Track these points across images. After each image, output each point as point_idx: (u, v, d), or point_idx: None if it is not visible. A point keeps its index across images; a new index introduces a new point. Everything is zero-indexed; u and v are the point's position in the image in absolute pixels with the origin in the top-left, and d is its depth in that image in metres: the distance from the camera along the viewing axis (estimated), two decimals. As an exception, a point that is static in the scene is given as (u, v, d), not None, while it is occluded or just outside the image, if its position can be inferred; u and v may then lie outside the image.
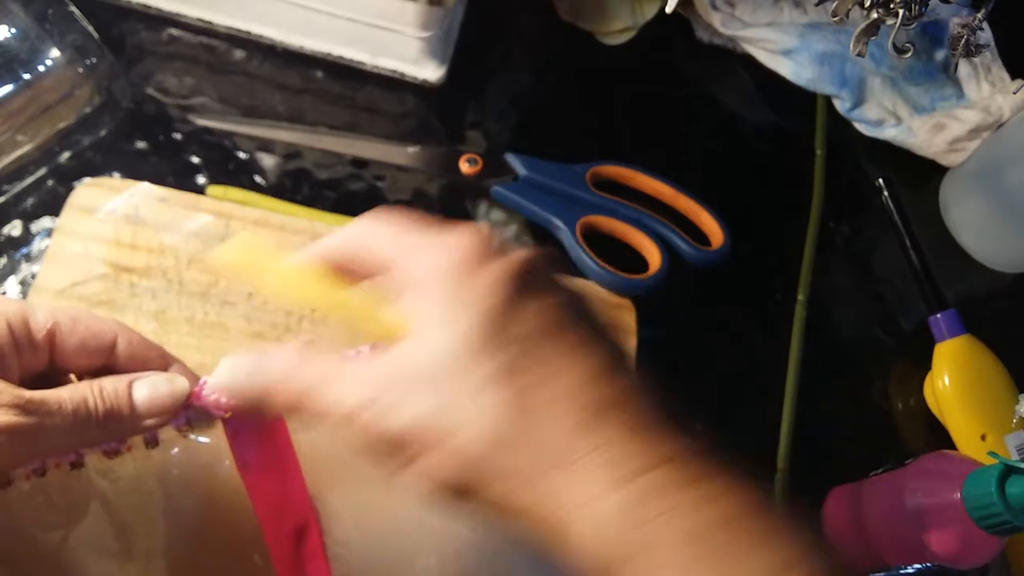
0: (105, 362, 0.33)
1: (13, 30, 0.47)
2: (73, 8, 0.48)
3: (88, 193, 0.48)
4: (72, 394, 0.30)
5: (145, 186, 0.49)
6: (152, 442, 0.34)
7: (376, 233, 0.30)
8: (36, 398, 0.29)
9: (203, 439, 0.35)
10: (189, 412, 0.33)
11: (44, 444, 0.30)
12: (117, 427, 0.31)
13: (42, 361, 0.32)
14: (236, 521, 0.36)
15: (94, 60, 0.49)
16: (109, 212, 0.47)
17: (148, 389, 0.32)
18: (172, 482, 0.36)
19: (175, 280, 0.47)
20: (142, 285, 0.46)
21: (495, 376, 0.26)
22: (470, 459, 0.26)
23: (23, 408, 0.29)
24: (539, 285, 0.28)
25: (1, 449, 0.28)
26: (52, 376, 0.33)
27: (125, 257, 0.46)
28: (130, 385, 0.32)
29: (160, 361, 0.34)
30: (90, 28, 0.49)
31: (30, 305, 0.32)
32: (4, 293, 0.47)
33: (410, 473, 0.27)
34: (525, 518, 0.26)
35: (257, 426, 0.35)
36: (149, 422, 0.32)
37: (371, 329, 0.30)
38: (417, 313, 0.28)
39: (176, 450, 0.36)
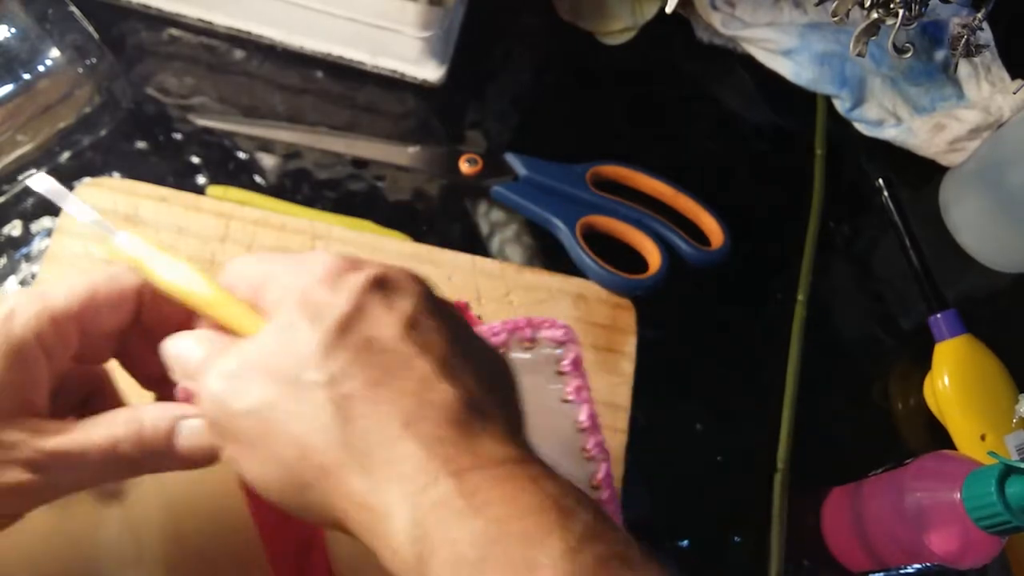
0: (131, 319, 0.32)
1: (13, 30, 0.47)
2: (73, 8, 0.48)
3: (88, 193, 0.48)
4: (104, 436, 0.29)
5: (145, 186, 0.49)
6: None
7: (243, 265, 0.31)
8: (59, 450, 0.28)
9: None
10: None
11: (63, 491, 0.30)
12: (150, 467, 0.31)
13: (72, 347, 0.31)
14: (237, 536, 0.36)
15: (94, 60, 0.49)
16: (110, 211, 0.47)
17: (194, 438, 0.30)
18: (173, 496, 0.36)
19: None
20: None
21: (326, 380, 0.27)
22: (289, 457, 0.27)
23: (39, 465, 0.28)
24: (391, 297, 0.29)
25: (12, 501, 0.28)
26: (86, 350, 0.32)
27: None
28: (174, 425, 0.30)
29: (183, 314, 0.32)
30: (90, 28, 0.49)
31: (47, 294, 0.30)
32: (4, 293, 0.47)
33: (235, 462, 0.29)
34: (344, 517, 0.27)
35: None
36: (186, 464, 0.31)
37: (244, 332, 0.31)
38: (272, 319, 0.29)
39: None
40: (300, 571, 0.36)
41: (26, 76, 0.47)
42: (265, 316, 0.30)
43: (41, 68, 0.47)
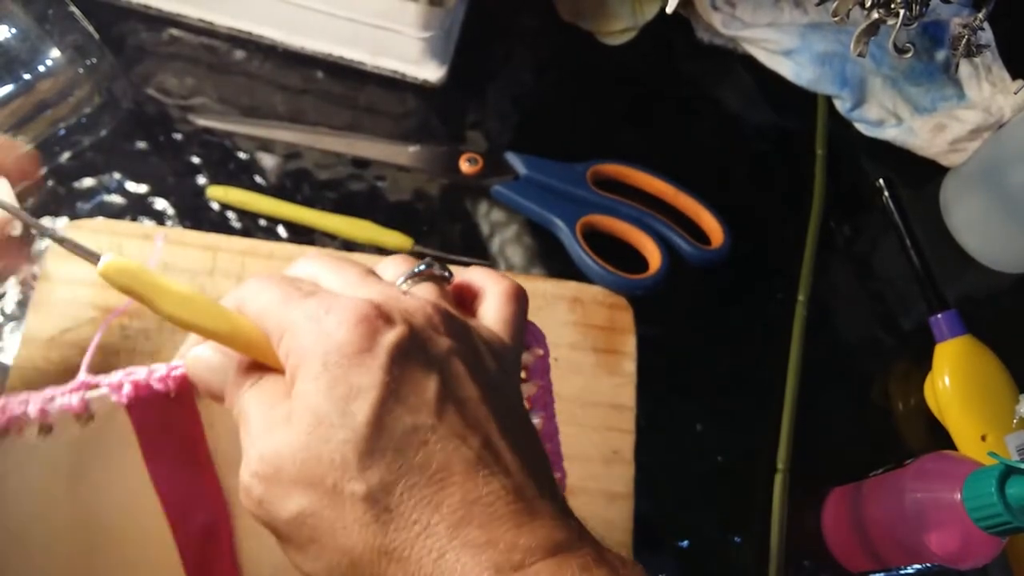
0: None
1: (13, 30, 0.47)
2: (73, 8, 0.48)
3: (69, 236, 0.46)
4: None
5: (126, 224, 0.48)
6: (45, 429, 0.32)
7: (262, 300, 0.29)
8: None
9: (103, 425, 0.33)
10: (88, 396, 0.32)
11: None
12: None
13: None
14: (143, 516, 0.34)
15: (94, 60, 0.49)
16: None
17: None
18: (70, 472, 0.34)
19: None
20: (133, 326, 0.45)
21: (364, 494, 0.26)
22: (339, 563, 0.27)
23: None
24: (424, 358, 0.27)
25: None
26: None
27: (113, 298, 0.41)
28: None
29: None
30: (90, 28, 0.49)
31: None
32: (4, 293, 0.47)
33: (293, 559, 0.28)
34: None
35: (166, 416, 0.33)
36: None
37: (263, 360, 0.30)
38: (301, 400, 0.27)
39: (74, 435, 0.33)
40: (205, 552, 0.34)
41: (26, 76, 0.47)
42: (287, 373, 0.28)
43: (41, 68, 0.47)
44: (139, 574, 0.34)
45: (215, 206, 0.51)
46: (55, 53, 0.47)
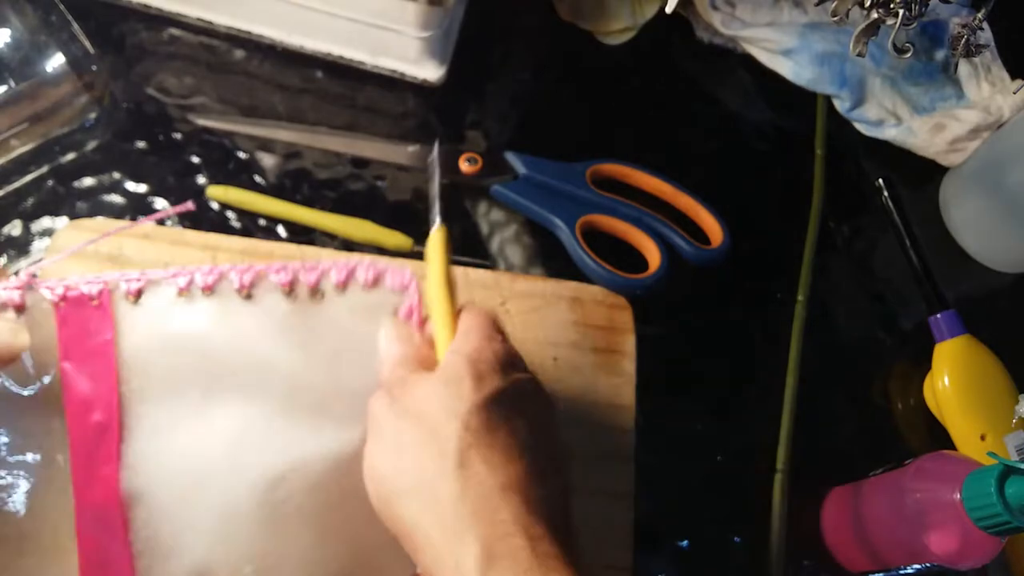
0: None
1: (14, 36, 0.47)
2: (69, 17, 0.48)
3: (69, 236, 0.47)
4: None
5: (126, 224, 0.48)
6: None
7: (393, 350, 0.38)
8: None
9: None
10: (25, 294, 0.37)
11: None
12: None
13: None
14: (45, 420, 0.37)
15: (94, 64, 0.49)
16: (92, 254, 0.46)
17: None
18: None
19: None
20: None
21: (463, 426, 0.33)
22: (409, 466, 0.34)
23: None
24: (513, 412, 0.35)
25: None
26: None
27: None
28: None
29: None
30: (86, 42, 0.49)
31: None
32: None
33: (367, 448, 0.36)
34: (414, 537, 0.33)
35: (86, 319, 0.37)
36: None
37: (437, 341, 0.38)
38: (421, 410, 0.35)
39: (8, 322, 0.37)
40: (94, 454, 0.37)
41: (27, 81, 0.47)
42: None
43: (42, 72, 0.47)
44: (36, 466, 0.37)
45: (215, 206, 0.51)
46: (56, 58, 0.47)
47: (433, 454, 0.33)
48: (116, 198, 0.51)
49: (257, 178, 0.53)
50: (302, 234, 0.51)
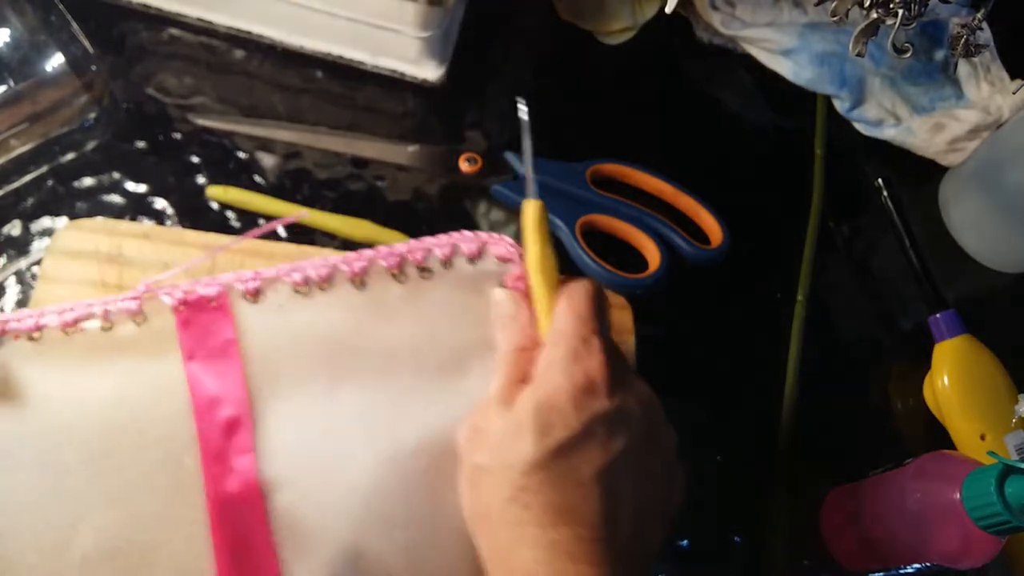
0: None
1: (14, 36, 0.47)
2: (69, 17, 0.48)
3: (69, 236, 0.46)
4: None
5: (126, 224, 0.48)
6: (107, 327, 0.38)
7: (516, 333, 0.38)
8: None
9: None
10: (143, 303, 0.39)
11: None
12: None
13: None
14: (172, 420, 0.37)
15: (94, 64, 0.49)
16: (92, 254, 0.46)
17: None
18: (114, 368, 0.38)
19: None
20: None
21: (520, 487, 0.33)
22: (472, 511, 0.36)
23: None
24: (614, 432, 0.34)
25: None
26: None
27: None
28: None
29: None
30: (86, 42, 0.49)
31: None
32: (3, 292, 0.47)
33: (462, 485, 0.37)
34: None
35: (207, 320, 0.39)
36: None
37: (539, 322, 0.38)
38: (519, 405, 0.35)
39: (130, 333, 0.39)
40: (226, 447, 0.37)
41: (26, 81, 0.47)
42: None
43: (41, 73, 0.47)
44: (159, 460, 0.37)
45: (215, 205, 0.51)
46: (56, 58, 0.47)
47: (493, 499, 0.33)
48: (116, 198, 0.51)
49: (257, 178, 0.53)
50: (302, 234, 0.51)
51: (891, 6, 0.51)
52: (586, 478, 0.33)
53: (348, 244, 0.51)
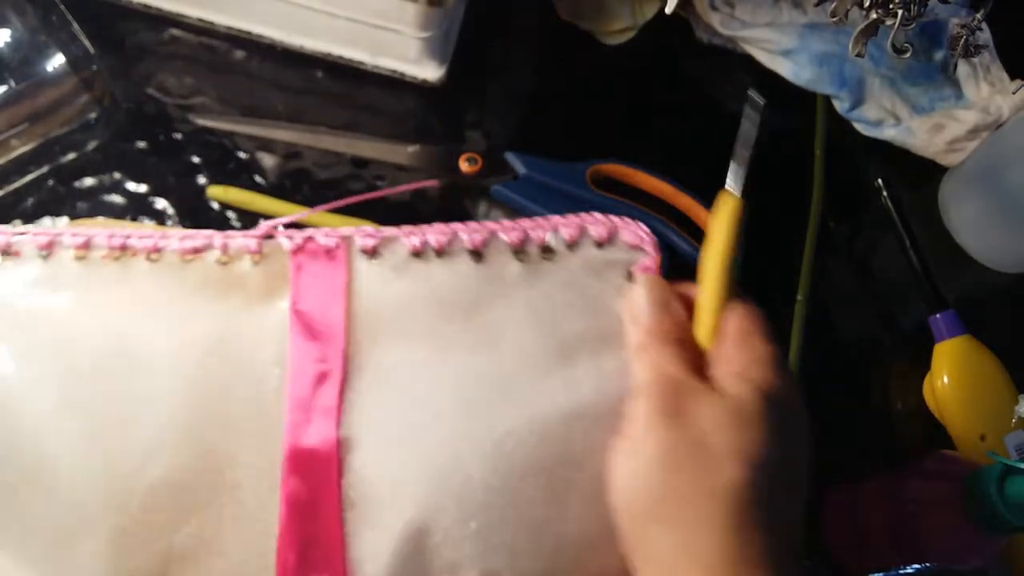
0: None
1: (14, 36, 0.47)
2: (69, 17, 0.48)
3: None
4: None
5: (127, 224, 0.48)
6: (223, 260, 0.38)
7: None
8: None
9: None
10: (262, 243, 0.38)
11: None
12: None
13: None
14: (267, 364, 0.37)
15: (95, 64, 0.49)
16: None
17: None
18: (223, 302, 0.38)
19: None
20: None
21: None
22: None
23: None
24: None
25: None
26: None
27: None
28: None
29: None
30: (86, 41, 0.49)
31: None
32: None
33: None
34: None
35: (321, 269, 0.38)
36: None
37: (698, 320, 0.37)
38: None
39: (244, 269, 0.38)
40: (312, 396, 0.36)
41: (27, 81, 0.47)
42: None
43: (42, 73, 0.47)
44: (245, 400, 0.36)
45: (215, 206, 0.51)
46: (56, 58, 0.47)
47: (706, 494, 0.30)
48: (116, 198, 0.51)
49: (257, 178, 0.53)
50: (302, 234, 0.51)
51: (891, 7, 0.51)
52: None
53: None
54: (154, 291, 0.37)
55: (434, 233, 0.39)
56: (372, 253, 0.39)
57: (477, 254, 0.39)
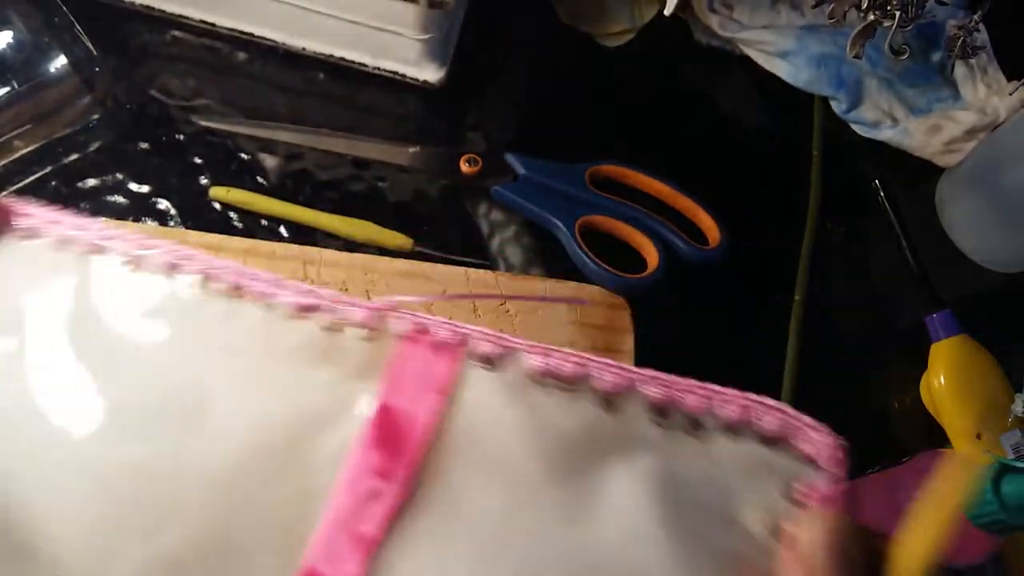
0: None
1: (17, 38, 0.47)
2: (71, 18, 0.49)
3: None
4: None
5: (128, 225, 0.47)
6: (336, 327, 0.33)
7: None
8: None
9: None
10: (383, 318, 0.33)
11: None
12: None
13: None
14: (325, 459, 0.31)
15: (97, 65, 0.49)
16: None
17: None
18: (313, 373, 0.33)
19: None
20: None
21: None
22: None
23: None
24: None
25: None
26: None
27: None
28: None
29: None
30: (88, 43, 0.49)
31: None
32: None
33: None
34: None
35: (426, 364, 0.32)
36: None
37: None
38: None
39: (352, 340, 0.33)
40: (357, 508, 0.31)
41: (30, 82, 0.47)
42: None
43: (45, 74, 0.48)
44: (282, 503, 0.31)
45: (217, 206, 0.52)
46: (59, 60, 0.48)
47: None
48: (119, 199, 0.51)
49: (259, 179, 0.53)
50: (304, 235, 0.52)
51: (888, 8, 0.52)
52: None
53: (349, 244, 0.51)
54: (251, 342, 0.33)
55: (562, 359, 0.32)
56: (488, 362, 0.32)
57: (608, 401, 0.32)
